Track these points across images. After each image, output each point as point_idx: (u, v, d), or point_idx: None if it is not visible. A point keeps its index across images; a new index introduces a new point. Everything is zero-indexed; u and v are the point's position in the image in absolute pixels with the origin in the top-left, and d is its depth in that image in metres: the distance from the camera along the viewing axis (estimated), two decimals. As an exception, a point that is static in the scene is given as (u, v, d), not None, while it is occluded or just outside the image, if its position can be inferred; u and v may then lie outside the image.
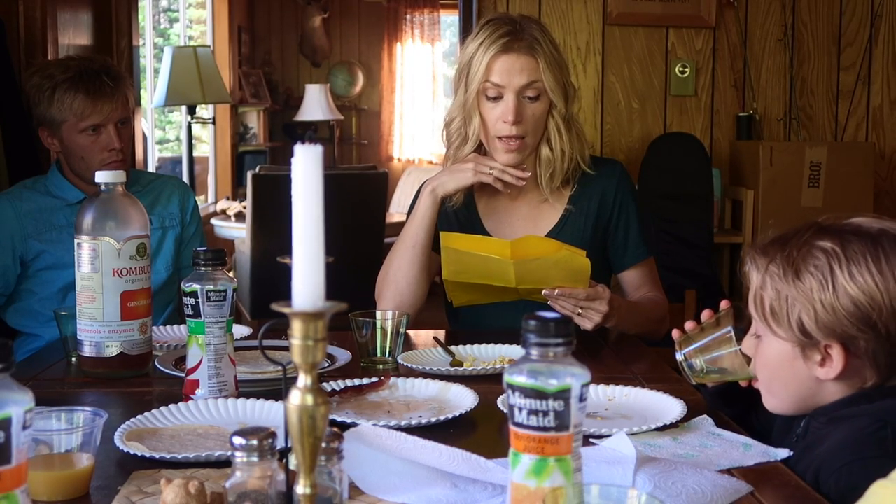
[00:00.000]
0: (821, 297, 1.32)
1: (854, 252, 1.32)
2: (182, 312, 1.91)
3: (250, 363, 1.79)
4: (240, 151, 8.33)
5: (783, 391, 1.41)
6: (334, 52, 9.36)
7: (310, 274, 0.86)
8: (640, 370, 1.84)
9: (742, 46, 4.10)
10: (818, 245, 1.34)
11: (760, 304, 1.39)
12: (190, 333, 1.58)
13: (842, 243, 1.33)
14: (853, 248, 1.32)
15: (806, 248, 1.35)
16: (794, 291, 1.34)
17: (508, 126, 2.10)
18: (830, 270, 1.32)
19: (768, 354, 1.41)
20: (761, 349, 1.42)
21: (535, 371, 0.96)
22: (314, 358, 0.87)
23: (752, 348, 1.45)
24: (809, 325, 1.33)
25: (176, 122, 7.82)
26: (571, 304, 1.94)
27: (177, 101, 5.51)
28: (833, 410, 1.37)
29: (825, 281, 1.32)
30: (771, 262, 1.37)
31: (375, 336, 1.84)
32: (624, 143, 4.11)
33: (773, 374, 1.41)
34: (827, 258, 1.33)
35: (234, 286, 1.58)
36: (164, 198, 2.60)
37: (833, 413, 1.36)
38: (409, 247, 2.15)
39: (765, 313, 1.38)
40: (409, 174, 8.05)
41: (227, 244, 5.76)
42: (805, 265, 1.34)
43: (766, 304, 1.38)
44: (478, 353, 1.92)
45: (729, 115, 4.14)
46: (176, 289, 2.55)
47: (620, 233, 2.23)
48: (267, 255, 4.73)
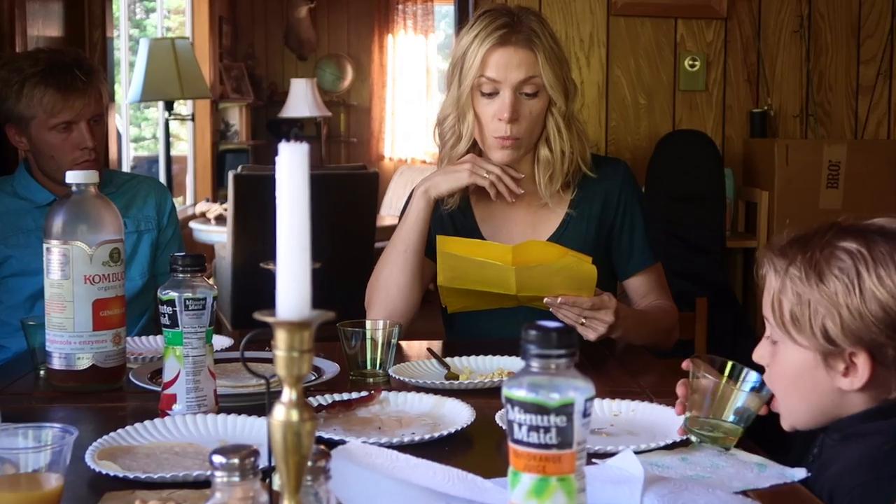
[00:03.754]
0: (847, 301, 1.31)
1: (881, 253, 1.32)
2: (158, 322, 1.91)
3: (231, 376, 1.79)
4: (220, 150, 8.33)
5: (802, 403, 1.40)
6: (321, 44, 9.37)
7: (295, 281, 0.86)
8: (648, 383, 1.84)
9: (755, 38, 4.11)
10: (842, 246, 1.34)
11: (779, 310, 1.38)
12: (167, 345, 1.58)
13: (867, 244, 1.33)
14: (879, 249, 1.32)
15: (829, 250, 1.34)
16: (817, 295, 1.33)
17: (504, 124, 2.10)
18: (857, 273, 1.31)
19: (786, 363, 1.40)
20: (778, 358, 1.41)
21: (535, 384, 0.95)
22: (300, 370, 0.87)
23: (765, 355, 1.44)
24: (834, 332, 1.33)
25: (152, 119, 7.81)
26: (575, 312, 1.94)
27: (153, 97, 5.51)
28: (847, 427, 1.36)
29: (851, 284, 1.31)
30: (791, 264, 1.37)
31: (365, 347, 1.84)
32: (630, 141, 4.12)
33: (790, 384, 1.40)
34: (853, 260, 1.32)
35: (213, 294, 1.58)
36: (140, 200, 2.59)
37: (847, 430, 1.36)
38: (400, 251, 2.15)
39: (783, 319, 1.37)
40: (402, 174, 8.06)
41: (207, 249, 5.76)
42: (829, 267, 1.33)
43: (785, 309, 1.37)
44: (475, 365, 1.92)
45: (742, 112, 4.15)
46: (152, 297, 2.54)
47: (625, 237, 2.24)
48: (249, 260, 4.72)
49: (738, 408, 1.45)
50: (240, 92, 8.60)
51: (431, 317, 2.34)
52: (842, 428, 1.37)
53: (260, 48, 9.29)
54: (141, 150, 7.80)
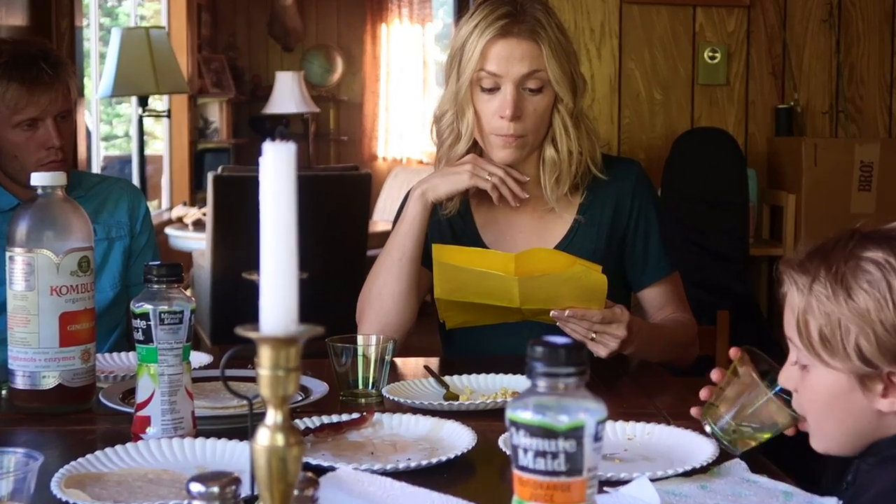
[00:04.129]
0: (880, 317, 1.31)
1: None
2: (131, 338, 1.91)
3: (211, 397, 1.78)
4: (199, 149, 8.34)
5: (837, 429, 1.40)
6: (309, 34, 9.38)
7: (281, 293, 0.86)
8: (665, 404, 1.84)
9: (781, 28, 4.11)
10: (867, 257, 1.34)
11: (806, 331, 1.38)
12: (140, 362, 1.58)
13: (894, 252, 1.33)
14: None
15: (854, 262, 1.34)
16: (847, 313, 1.33)
17: (506, 122, 2.10)
18: (888, 285, 1.31)
19: (818, 388, 1.39)
20: (808, 382, 1.41)
21: (542, 406, 0.95)
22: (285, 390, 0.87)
23: (793, 381, 1.44)
24: (869, 351, 1.32)
25: (125, 116, 7.82)
26: (584, 327, 1.94)
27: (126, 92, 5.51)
28: (886, 449, 1.36)
29: (883, 298, 1.31)
30: (814, 280, 1.36)
31: (357, 364, 1.84)
32: (644, 139, 4.12)
33: (824, 409, 1.40)
34: (881, 271, 1.32)
35: (191, 307, 1.58)
36: (111, 203, 2.59)
37: (885, 452, 1.36)
38: (395, 260, 2.15)
39: (811, 341, 1.37)
40: (396, 176, 8.07)
41: (184, 257, 5.76)
42: (856, 281, 1.33)
43: (812, 329, 1.37)
44: (476, 384, 1.92)
45: (766, 108, 4.15)
46: (124, 310, 2.54)
47: (639, 245, 2.24)
48: (230, 270, 4.72)
49: (766, 417, 1.47)
50: (220, 86, 8.61)
51: (428, 331, 2.34)
52: (879, 451, 1.37)
53: (242, 38, 9.30)
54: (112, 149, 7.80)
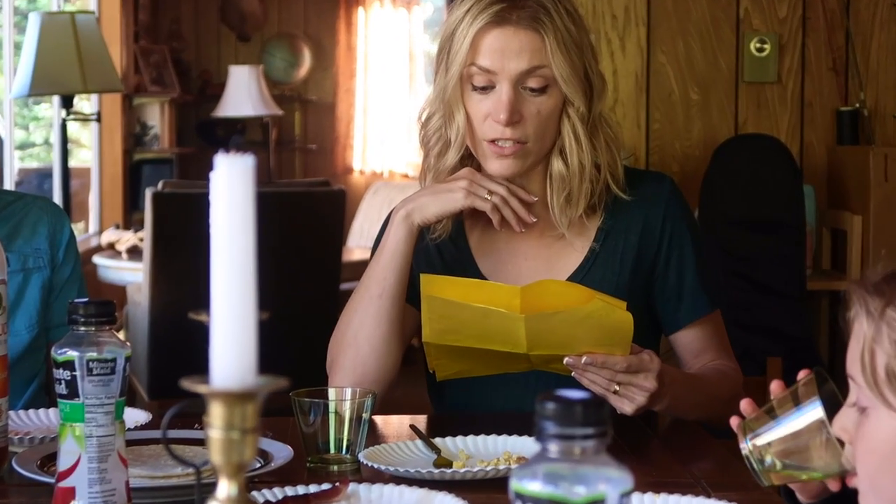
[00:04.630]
0: None
1: None
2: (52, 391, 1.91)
3: (149, 464, 1.78)
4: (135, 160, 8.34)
5: (895, 488, 1.40)
6: (270, 20, 9.41)
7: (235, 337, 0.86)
8: (703, 472, 1.84)
9: (844, 14, 4.13)
10: None
11: (870, 364, 1.38)
12: (63, 421, 1.57)
13: None
14: None
15: None
16: None
17: (501, 127, 2.09)
18: None
19: (878, 435, 1.40)
20: (867, 429, 1.41)
21: (554, 474, 0.96)
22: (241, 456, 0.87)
23: (849, 426, 1.44)
24: None
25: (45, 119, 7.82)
26: (606, 377, 1.94)
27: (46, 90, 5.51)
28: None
29: None
30: (889, 304, 1.37)
31: (328, 424, 1.84)
32: (679, 148, 4.14)
33: (882, 463, 1.40)
34: None
35: (126, 353, 1.57)
36: (28, 227, 2.59)
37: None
38: (374, 296, 2.15)
39: (876, 377, 1.38)
40: (376, 192, 8.07)
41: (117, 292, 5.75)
42: None
43: (879, 363, 1.37)
44: (473, 447, 1.92)
45: (826, 111, 4.17)
46: (43, 357, 2.54)
47: (672, 278, 2.24)
48: (173, 308, 4.72)
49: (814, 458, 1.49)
50: (161, 83, 8.62)
51: (415, 383, 2.34)
52: None
53: (188, 25, 9.32)
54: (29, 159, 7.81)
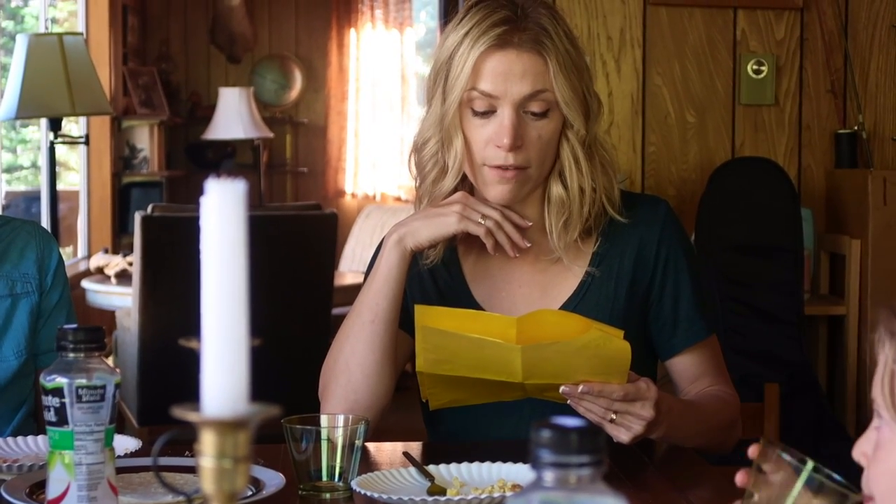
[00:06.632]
0: None
1: None
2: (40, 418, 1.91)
3: (139, 492, 1.78)
4: (124, 184, 8.34)
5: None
6: (260, 42, 9.41)
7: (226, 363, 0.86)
8: (700, 499, 1.84)
9: (842, 35, 4.14)
10: None
11: (889, 385, 1.38)
12: (52, 449, 1.57)
13: None
14: None
15: None
16: None
17: (503, 153, 2.10)
18: None
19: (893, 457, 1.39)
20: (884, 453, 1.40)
21: (550, 503, 0.96)
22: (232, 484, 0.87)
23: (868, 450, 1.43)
24: None
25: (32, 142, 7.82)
26: (602, 405, 1.94)
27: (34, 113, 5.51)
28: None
29: None
30: None
31: (320, 451, 1.84)
32: (675, 171, 4.14)
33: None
34: None
35: (115, 380, 1.58)
36: (15, 252, 2.59)
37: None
38: (366, 322, 2.15)
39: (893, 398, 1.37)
40: (368, 216, 8.07)
41: (106, 318, 5.74)
42: None
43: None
44: (467, 475, 1.91)
45: (824, 133, 4.17)
46: (31, 384, 2.54)
47: (668, 303, 2.24)
48: (163, 334, 4.71)
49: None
50: (150, 105, 8.62)
51: (408, 410, 2.34)
52: None
53: (178, 47, 9.32)
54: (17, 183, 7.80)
